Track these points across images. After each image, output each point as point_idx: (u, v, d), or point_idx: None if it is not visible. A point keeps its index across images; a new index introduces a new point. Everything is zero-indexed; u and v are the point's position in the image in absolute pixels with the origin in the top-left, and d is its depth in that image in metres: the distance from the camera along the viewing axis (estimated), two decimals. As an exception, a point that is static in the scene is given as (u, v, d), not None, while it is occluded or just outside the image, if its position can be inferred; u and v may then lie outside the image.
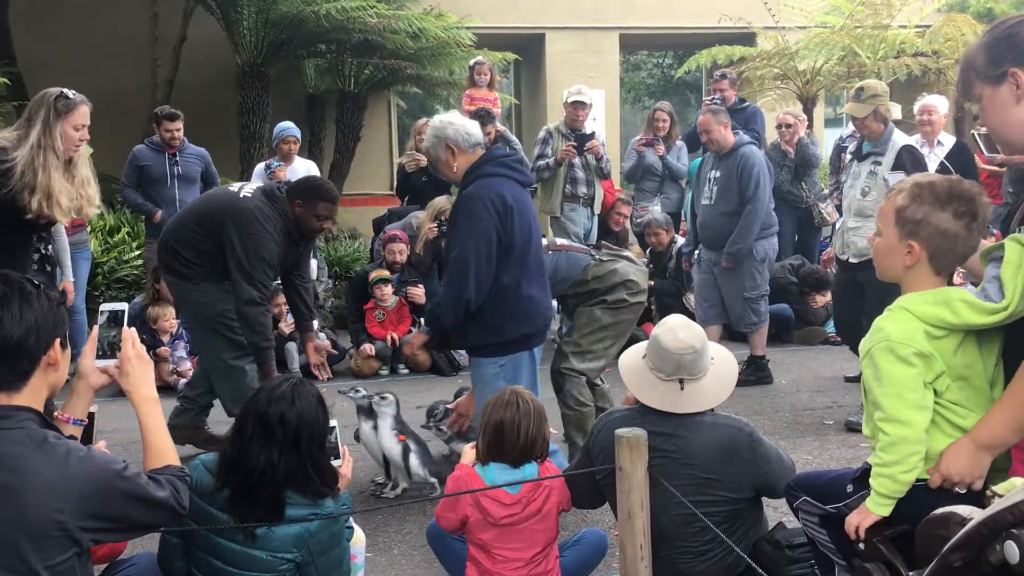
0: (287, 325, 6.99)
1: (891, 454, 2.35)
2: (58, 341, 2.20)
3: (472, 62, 8.70)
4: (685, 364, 2.92)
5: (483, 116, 7.57)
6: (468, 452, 3.27)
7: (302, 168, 7.76)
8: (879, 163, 5.31)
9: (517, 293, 3.91)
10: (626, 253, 4.83)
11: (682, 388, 2.93)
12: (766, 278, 6.45)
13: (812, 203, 8.40)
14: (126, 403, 2.44)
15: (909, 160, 5.21)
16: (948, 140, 6.65)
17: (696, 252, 6.66)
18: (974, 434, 2.33)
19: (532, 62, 13.82)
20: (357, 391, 4.56)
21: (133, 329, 2.48)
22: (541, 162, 7.57)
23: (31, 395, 2.15)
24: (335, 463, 2.88)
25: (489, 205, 3.80)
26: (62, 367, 2.24)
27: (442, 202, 7.38)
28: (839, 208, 5.83)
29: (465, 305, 3.84)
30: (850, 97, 5.45)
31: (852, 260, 5.44)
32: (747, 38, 12.21)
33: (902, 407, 2.33)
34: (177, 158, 7.26)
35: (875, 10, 11.06)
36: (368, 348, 7.07)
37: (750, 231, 6.13)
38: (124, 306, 2.45)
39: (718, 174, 6.29)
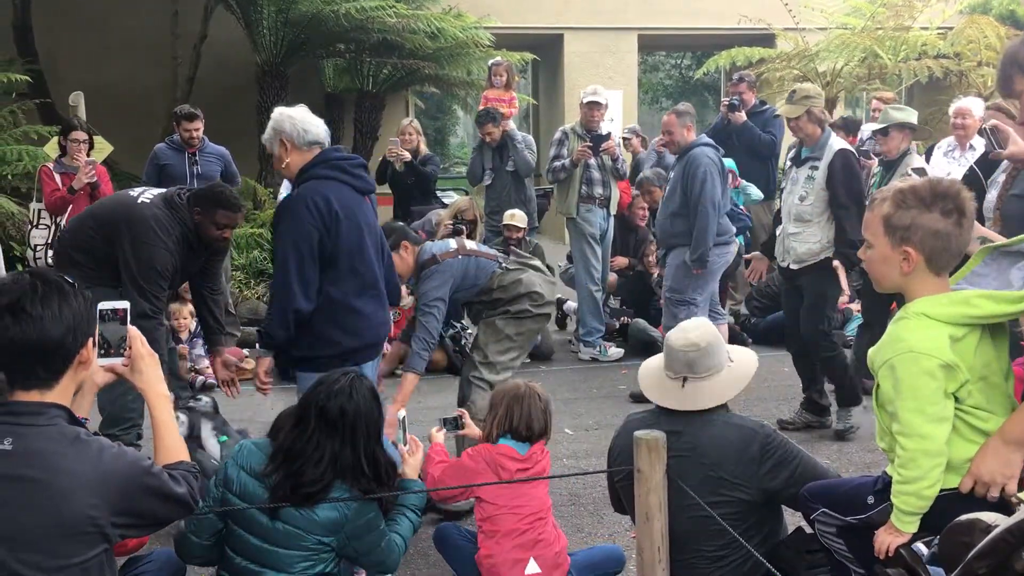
0: None
1: (912, 470, 2.32)
2: (91, 340, 2.22)
3: (490, 63, 8.70)
4: (689, 362, 2.96)
5: (485, 116, 7.61)
6: (436, 434, 3.55)
7: None
8: (816, 168, 5.19)
9: (345, 305, 3.65)
10: (534, 262, 4.71)
11: (683, 386, 2.99)
12: (699, 288, 6.06)
13: None
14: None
15: (841, 166, 5.08)
16: (980, 144, 6.58)
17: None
18: (1003, 432, 2.30)
19: (550, 62, 13.82)
20: (199, 399, 4.61)
21: (135, 328, 2.50)
22: (557, 163, 7.56)
23: (61, 393, 2.18)
24: (403, 448, 3.25)
25: (312, 208, 3.56)
26: (91, 366, 2.27)
27: (464, 202, 7.39)
28: (779, 214, 5.78)
29: (295, 316, 3.57)
30: (785, 100, 5.38)
31: (793, 267, 5.31)
32: (766, 39, 12.16)
33: (922, 421, 2.30)
34: (197, 157, 7.28)
35: (896, 12, 11.00)
36: (384, 348, 7.08)
37: (705, 233, 5.90)
38: (125, 304, 2.44)
39: (673, 175, 6.23)
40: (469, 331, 7.23)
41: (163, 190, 4.65)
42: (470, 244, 4.71)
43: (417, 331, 4.32)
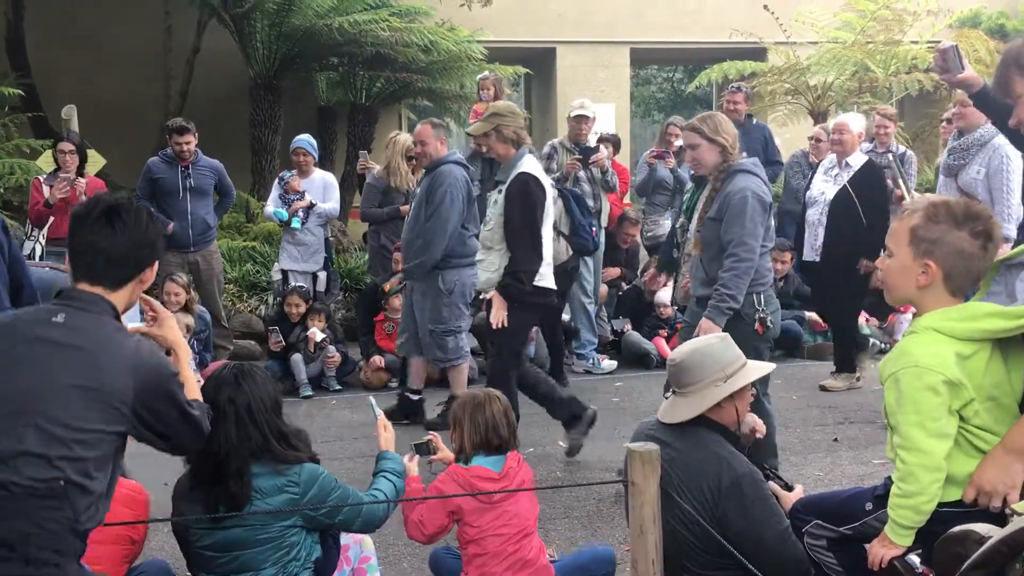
0: (275, 344, 6.97)
1: (910, 484, 2.32)
2: (155, 264, 2.56)
3: (478, 78, 8.73)
4: (671, 375, 3.05)
5: None
6: (411, 466, 3.33)
7: (319, 180, 7.76)
8: (502, 192, 4.93)
9: None
10: None
11: (665, 397, 3.07)
12: (459, 315, 5.75)
13: None
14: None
15: (517, 191, 4.79)
16: (857, 161, 6.42)
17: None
18: (1005, 442, 2.30)
19: (543, 76, 13.87)
20: None
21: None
22: (547, 177, 7.56)
23: (119, 299, 2.46)
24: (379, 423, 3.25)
25: None
26: (146, 287, 2.57)
27: (404, 137, 7.40)
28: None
29: None
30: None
31: (483, 296, 5.08)
32: (758, 53, 12.22)
33: (922, 436, 2.30)
34: (190, 171, 7.27)
35: (887, 26, 11.07)
36: (378, 360, 7.08)
37: (428, 249, 5.55)
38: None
39: (419, 191, 5.90)
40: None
41: None
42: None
43: None
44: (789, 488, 3.07)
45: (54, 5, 11.08)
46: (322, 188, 7.73)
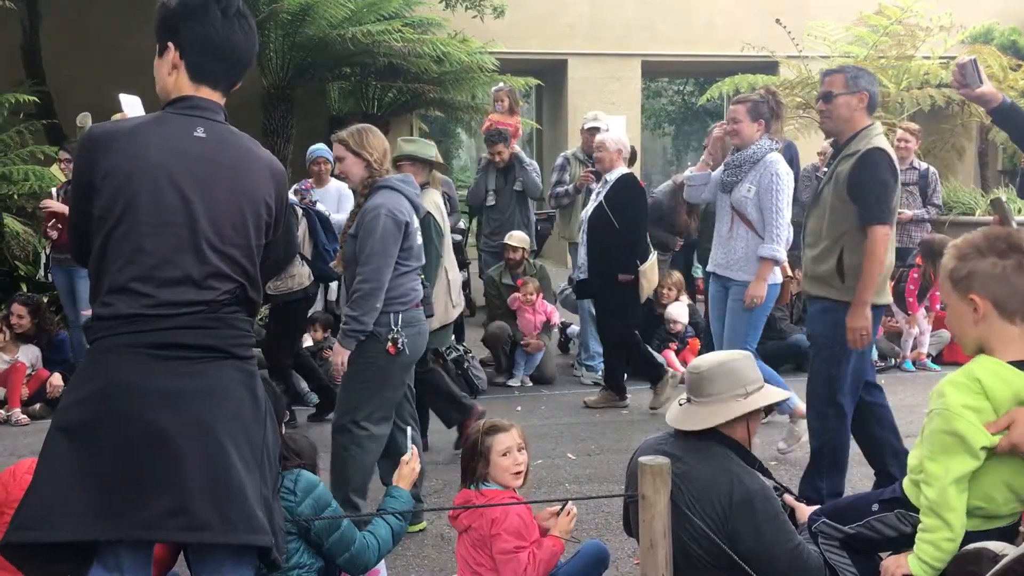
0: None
1: (931, 519, 2.32)
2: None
3: (493, 89, 8.77)
4: (691, 383, 3.04)
5: (494, 136, 7.65)
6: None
7: (334, 190, 7.76)
8: None
9: None
10: None
11: (680, 404, 3.07)
12: None
13: None
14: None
15: None
16: (615, 175, 6.35)
17: None
18: None
19: (554, 87, 13.91)
20: None
21: None
22: (559, 189, 7.58)
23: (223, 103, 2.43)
24: (403, 457, 3.23)
25: None
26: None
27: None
28: None
29: None
30: None
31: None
32: (769, 67, 12.23)
33: (946, 480, 2.29)
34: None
35: (899, 41, 11.07)
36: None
37: None
38: None
39: None
40: (471, 355, 7.23)
41: None
42: None
43: None
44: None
45: (69, 14, 11.16)
46: (337, 198, 7.73)
